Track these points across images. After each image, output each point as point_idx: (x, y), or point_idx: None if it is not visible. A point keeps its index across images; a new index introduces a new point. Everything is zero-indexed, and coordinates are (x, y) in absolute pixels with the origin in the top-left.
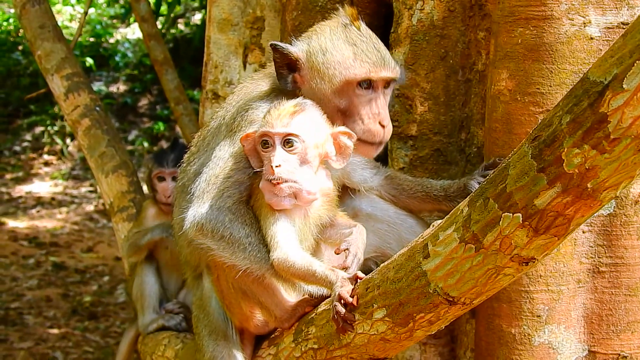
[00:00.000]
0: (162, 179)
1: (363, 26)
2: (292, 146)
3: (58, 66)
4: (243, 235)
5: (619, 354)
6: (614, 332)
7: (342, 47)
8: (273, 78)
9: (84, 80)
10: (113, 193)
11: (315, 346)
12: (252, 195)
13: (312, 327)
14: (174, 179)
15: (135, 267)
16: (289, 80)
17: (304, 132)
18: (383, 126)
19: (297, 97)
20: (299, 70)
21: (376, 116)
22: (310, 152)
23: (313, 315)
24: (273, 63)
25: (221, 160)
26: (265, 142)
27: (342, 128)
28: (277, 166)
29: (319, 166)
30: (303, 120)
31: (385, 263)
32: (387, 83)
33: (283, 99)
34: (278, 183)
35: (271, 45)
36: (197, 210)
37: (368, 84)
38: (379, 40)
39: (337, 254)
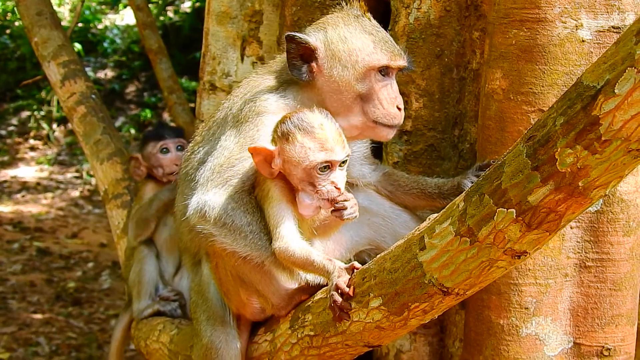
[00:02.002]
0: (166, 151)
1: (372, 19)
2: (346, 163)
3: (55, 53)
4: (245, 223)
5: (603, 346)
6: (598, 325)
7: (360, 36)
8: (278, 72)
9: (80, 67)
10: (108, 180)
11: (312, 333)
12: (256, 186)
13: (309, 314)
14: (178, 149)
15: (133, 251)
16: (303, 70)
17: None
18: (399, 109)
19: (308, 87)
20: (316, 60)
21: (393, 100)
22: None
23: (310, 303)
24: (286, 53)
25: (226, 149)
26: (325, 167)
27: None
28: (339, 187)
29: None
30: (344, 134)
31: (382, 254)
32: (398, 72)
33: (290, 93)
34: (341, 201)
35: (287, 35)
36: (201, 197)
37: (385, 71)
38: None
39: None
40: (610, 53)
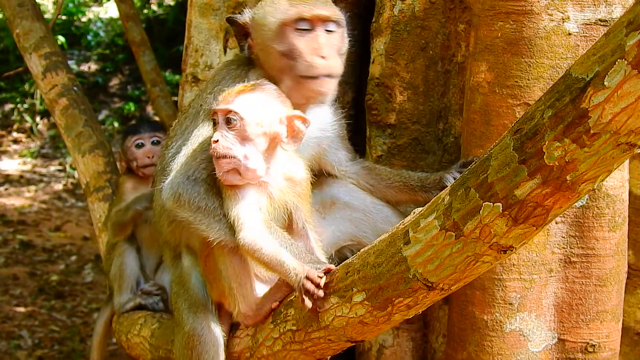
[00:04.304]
0: (140, 145)
1: None
2: (230, 123)
3: (36, 45)
4: (217, 206)
5: (588, 343)
6: (583, 321)
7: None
8: (238, 61)
9: (62, 59)
10: (89, 173)
11: (294, 328)
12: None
13: (291, 309)
14: (153, 142)
15: (115, 246)
16: (245, 47)
17: (244, 109)
18: (324, 57)
19: (259, 65)
20: (250, 34)
21: (315, 50)
22: (250, 130)
23: (292, 297)
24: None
25: (200, 137)
26: (214, 120)
27: (297, 112)
28: (214, 141)
29: (275, 148)
30: (247, 98)
31: (366, 248)
32: (327, 24)
33: (252, 76)
34: (217, 158)
35: (227, 19)
36: (174, 180)
37: (304, 25)
38: None
39: None
40: (600, 45)
